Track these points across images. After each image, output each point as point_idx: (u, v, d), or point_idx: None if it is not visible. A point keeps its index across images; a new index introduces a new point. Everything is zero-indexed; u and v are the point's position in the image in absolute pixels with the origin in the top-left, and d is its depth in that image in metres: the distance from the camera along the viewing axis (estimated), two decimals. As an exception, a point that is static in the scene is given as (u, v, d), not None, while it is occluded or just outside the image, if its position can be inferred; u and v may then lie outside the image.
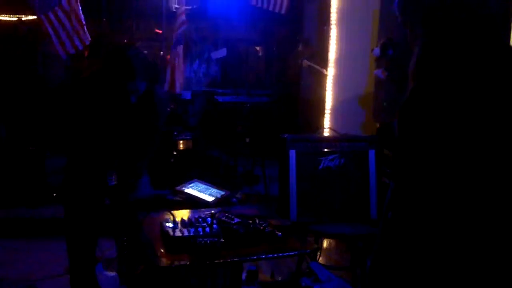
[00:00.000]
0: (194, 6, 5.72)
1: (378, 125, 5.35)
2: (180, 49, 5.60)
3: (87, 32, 5.11)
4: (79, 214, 3.06)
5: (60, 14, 4.92)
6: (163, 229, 2.81)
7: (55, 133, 6.12)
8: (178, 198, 3.91)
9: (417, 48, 1.79)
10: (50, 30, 4.93)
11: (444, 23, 1.74)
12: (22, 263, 4.41)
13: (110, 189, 3.12)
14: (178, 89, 5.71)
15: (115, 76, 3.02)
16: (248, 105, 6.58)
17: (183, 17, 5.54)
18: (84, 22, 5.09)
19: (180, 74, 5.66)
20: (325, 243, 4.62)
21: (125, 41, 7.29)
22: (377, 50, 4.89)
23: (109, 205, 3.19)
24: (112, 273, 3.56)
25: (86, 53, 7.22)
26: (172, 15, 6.17)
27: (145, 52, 6.73)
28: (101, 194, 3.10)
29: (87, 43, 5.13)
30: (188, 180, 4.07)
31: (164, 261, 2.65)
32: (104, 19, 6.99)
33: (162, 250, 2.73)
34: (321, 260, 4.18)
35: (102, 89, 3.02)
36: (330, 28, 5.65)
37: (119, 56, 3.07)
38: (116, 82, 3.02)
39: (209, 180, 4.16)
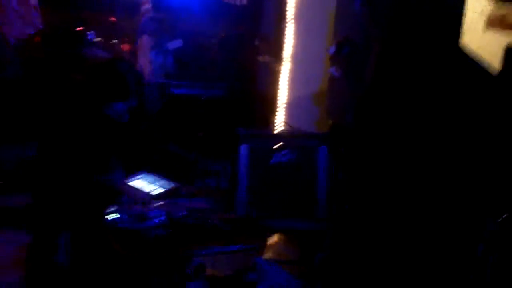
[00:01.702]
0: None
1: (331, 122, 5.41)
2: (145, 38, 5.52)
3: (39, 17, 4.97)
4: (48, 202, 2.99)
5: None
6: (111, 221, 2.78)
7: (11, 122, 5.95)
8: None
9: (376, 45, 1.82)
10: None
11: (401, 22, 1.77)
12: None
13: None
14: (145, 78, 5.64)
15: (108, 95, 2.87)
16: (204, 98, 6.54)
17: (148, 5, 5.45)
18: (37, 7, 4.95)
19: (147, 64, 5.59)
20: (273, 238, 4.65)
21: (81, 29, 7.15)
22: (332, 48, 4.93)
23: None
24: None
25: (36, 39, 7.03)
26: (128, 3, 6.07)
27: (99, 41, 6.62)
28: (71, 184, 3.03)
29: (40, 27, 4.99)
30: (138, 172, 4.02)
31: (111, 253, 2.62)
32: (58, 6, 6.82)
33: (110, 242, 2.70)
34: (268, 255, 4.20)
35: (92, 105, 2.87)
36: (287, 24, 5.67)
37: (112, 74, 2.89)
38: (108, 101, 2.87)
39: (161, 173, 4.12)
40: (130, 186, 3.52)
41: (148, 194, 3.50)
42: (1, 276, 3.85)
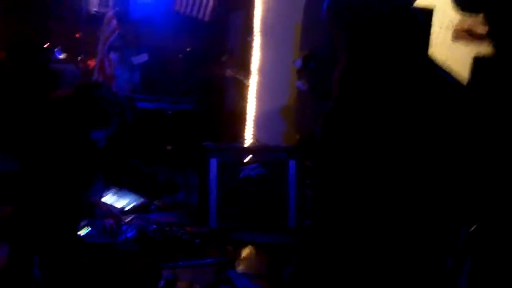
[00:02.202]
0: (116, 9, 5.60)
1: (298, 136, 5.45)
2: (114, 56, 5.47)
3: None
4: (30, 214, 2.91)
5: None
6: (82, 236, 2.74)
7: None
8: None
9: (342, 57, 1.85)
10: None
11: (366, 36, 1.80)
12: None
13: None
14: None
15: (86, 123, 2.78)
16: (170, 112, 6.51)
17: (114, 22, 5.40)
18: None
19: (114, 82, 5.53)
20: (244, 252, 4.64)
21: (48, 44, 7.03)
22: (298, 62, 5.00)
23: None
24: None
25: (2, 55, 6.88)
26: (92, 19, 6.01)
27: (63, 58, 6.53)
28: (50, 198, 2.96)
29: None
30: (106, 188, 3.98)
31: (83, 267, 2.58)
32: (21, 20, 6.71)
33: (81, 256, 2.65)
34: (240, 268, 4.18)
35: (71, 133, 2.79)
36: (253, 39, 5.71)
37: (90, 101, 2.81)
38: (86, 130, 2.80)
39: (129, 188, 4.08)
40: (101, 201, 3.48)
41: (118, 209, 3.46)
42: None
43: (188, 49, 8.29)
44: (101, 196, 3.72)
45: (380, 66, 1.81)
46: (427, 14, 1.75)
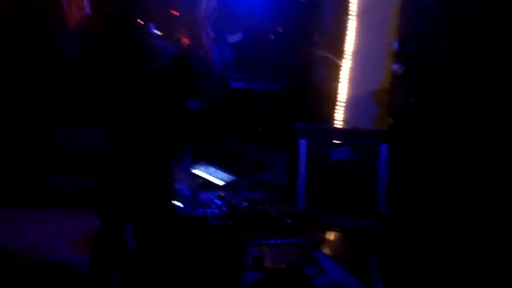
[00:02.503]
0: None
1: (391, 119, 5.31)
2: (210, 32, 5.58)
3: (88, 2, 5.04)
4: (118, 189, 3.06)
5: None
6: (175, 209, 2.82)
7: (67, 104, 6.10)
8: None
9: (443, 45, 1.77)
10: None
11: (475, 24, 1.72)
12: (27, 233, 4.39)
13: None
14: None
15: (182, 95, 2.88)
16: (262, 92, 6.54)
17: (213, 2, 5.46)
18: None
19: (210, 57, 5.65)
20: (330, 234, 4.61)
21: (141, 21, 7.24)
22: (395, 44, 4.85)
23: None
24: None
25: (101, 29, 7.17)
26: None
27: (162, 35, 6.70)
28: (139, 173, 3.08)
29: (88, 12, 5.04)
30: (197, 162, 4.07)
31: (174, 240, 2.67)
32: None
33: (172, 229, 2.74)
34: (326, 250, 4.17)
35: (167, 105, 2.89)
36: (349, 19, 5.60)
37: (187, 73, 2.90)
38: (181, 101, 2.90)
39: (219, 165, 4.16)
40: (194, 174, 3.58)
41: (211, 184, 3.54)
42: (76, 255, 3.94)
43: (280, 30, 8.27)
44: (192, 169, 3.81)
45: (484, 50, 1.71)
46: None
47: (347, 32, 5.71)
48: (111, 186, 3.13)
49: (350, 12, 5.65)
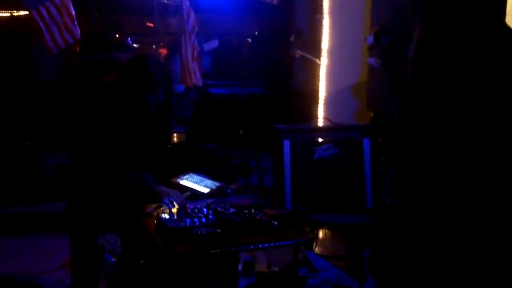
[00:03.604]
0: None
1: (372, 113, 5.35)
2: (195, 43, 5.58)
3: (77, 27, 5.05)
4: (83, 207, 3.06)
5: (52, 8, 4.86)
6: (160, 221, 2.81)
7: (51, 129, 6.09)
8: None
9: (417, 31, 1.78)
10: (41, 25, 4.86)
11: (446, 4, 1.73)
12: (19, 259, 4.41)
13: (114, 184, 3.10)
14: (200, 82, 5.70)
15: (136, 89, 2.93)
16: (241, 96, 6.56)
17: (193, 16, 5.46)
18: (74, 17, 5.03)
19: (198, 68, 5.65)
20: (320, 233, 4.62)
21: (117, 36, 7.25)
22: (370, 38, 4.88)
23: (111, 197, 3.17)
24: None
25: (78, 49, 7.17)
26: (163, 8, 6.14)
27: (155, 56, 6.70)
28: (105, 188, 3.08)
29: (78, 37, 5.07)
30: (182, 172, 4.06)
31: (161, 252, 2.65)
32: (95, 13, 6.94)
33: (159, 242, 2.72)
34: (316, 250, 4.18)
35: (121, 102, 2.94)
36: (323, 18, 5.63)
37: (139, 68, 2.96)
38: (136, 95, 2.93)
39: (204, 173, 4.15)
40: (179, 185, 3.56)
41: (195, 193, 3.52)
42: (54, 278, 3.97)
43: (256, 33, 8.31)
44: (178, 180, 3.80)
45: (456, 39, 1.72)
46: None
47: (322, 30, 5.74)
48: (76, 203, 3.11)
49: (323, 11, 5.69)
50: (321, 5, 5.70)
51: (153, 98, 2.97)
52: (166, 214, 2.88)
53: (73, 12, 5.01)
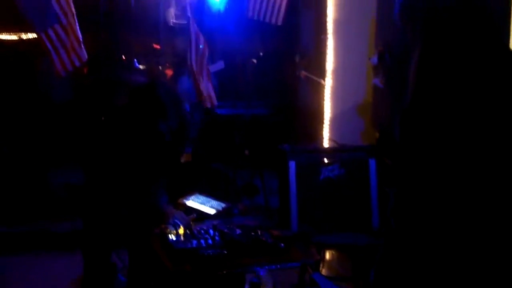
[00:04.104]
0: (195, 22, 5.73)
1: (377, 134, 5.35)
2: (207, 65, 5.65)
3: (84, 49, 5.10)
4: (98, 225, 3.08)
5: (60, 31, 4.91)
6: (167, 242, 2.81)
7: (59, 148, 6.12)
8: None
9: (417, 52, 1.79)
10: (49, 47, 4.91)
11: (445, 25, 1.74)
12: (28, 278, 4.40)
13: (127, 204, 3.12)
14: (215, 101, 5.76)
15: (148, 118, 2.94)
16: (247, 117, 6.58)
17: (202, 39, 5.51)
18: (81, 39, 5.08)
19: (212, 88, 5.72)
20: (327, 254, 4.60)
21: (123, 56, 7.31)
22: (374, 59, 4.90)
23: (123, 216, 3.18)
24: None
25: (85, 70, 7.23)
26: (170, 30, 6.19)
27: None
28: (119, 206, 3.10)
29: (84, 60, 5.12)
30: (188, 192, 4.07)
31: (169, 273, 2.65)
32: (102, 35, 7.01)
33: (166, 262, 2.73)
34: (323, 271, 4.16)
35: (134, 129, 2.96)
36: (327, 38, 5.67)
37: (150, 98, 2.98)
38: (148, 124, 2.95)
39: (209, 192, 4.16)
40: (185, 206, 3.57)
41: (201, 214, 3.53)
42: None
43: (260, 53, 8.35)
44: (184, 201, 3.81)
45: (456, 59, 1.74)
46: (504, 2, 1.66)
47: (327, 50, 5.77)
48: (91, 222, 3.14)
49: (327, 31, 5.72)
50: (325, 26, 5.73)
51: (165, 127, 3.00)
52: (173, 235, 2.89)
53: (79, 34, 5.06)
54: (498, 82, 1.72)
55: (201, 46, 5.45)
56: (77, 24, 5.03)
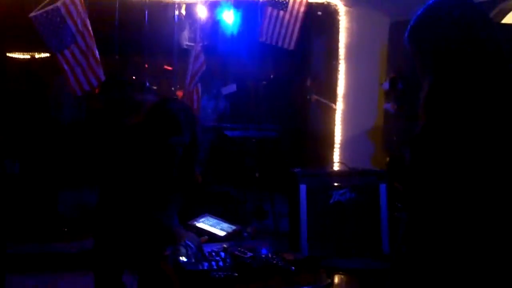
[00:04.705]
0: (205, 43, 5.81)
1: (388, 158, 5.36)
2: (199, 87, 5.72)
3: (101, 69, 5.18)
4: (110, 245, 3.10)
5: (76, 51, 5.00)
6: (178, 263, 2.82)
7: (69, 168, 6.17)
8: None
9: (427, 82, 1.82)
10: (66, 68, 5.00)
11: (453, 56, 1.77)
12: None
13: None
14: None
15: (162, 131, 2.99)
16: (257, 139, 6.61)
17: (202, 57, 5.59)
18: (99, 59, 5.16)
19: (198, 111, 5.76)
20: (336, 278, 4.57)
21: (134, 77, 7.40)
22: (386, 84, 4.95)
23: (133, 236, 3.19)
24: None
25: (97, 90, 7.32)
26: (184, 52, 6.26)
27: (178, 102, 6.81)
28: (132, 226, 3.11)
29: (102, 79, 5.19)
30: (198, 214, 4.08)
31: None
32: (116, 56, 7.10)
33: (177, 284, 2.73)
34: (334, 295, 4.13)
35: (147, 144, 3.00)
36: (339, 63, 5.72)
37: (164, 111, 3.03)
38: (162, 138, 2.99)
39: (219, 215, 4.17)
40: (196, 228, 3.58)
41: (212, 236, 3.54)
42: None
43: (271, 76, 8.43)
44: (194, 223, 3.82)
45: (466, 89, 1.76)
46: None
47: (338, 75, 5.83)
48: (102, 242, 3.15)
49: (339, 56, 5.78)
50: (337, 51, 5.79)
51: (179, 140, 3.03)
52: (184, 257, 2.89)
53: (98, 55, 5.14)
54: (506, 115, 1.73)
55: (198, 63, 5.51)
56: (95, 45, 5.11)
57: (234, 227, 3.88)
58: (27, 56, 9.08)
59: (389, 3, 5.22)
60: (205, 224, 3.88)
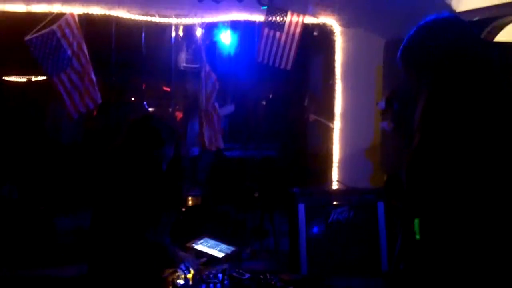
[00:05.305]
0: (200, 65, 5.86)
1: (385, 176, 5.37)
2: (217, 106, 5.77)
3: (98, 92, 5.20)
4: (104, 270, 3.10)
5: (72, 75, 5.02)
6: (176, 286, 2.82)
7: (66, 191, 6.17)
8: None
9: (422, 100, 1.84)
10: (62, 91, 5.01)
11: (447, 73, 1.79)
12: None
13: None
14: (221, 144, 5.84)
15: (144, 145, 3.06)
16: (256, 159, 6.63)
17: (214, 76, 5.64)
18: (95, 82, 5.18)
19: (219, 130, 5.81)
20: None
21: (133, 99, 7.43)
22: (382, 103, 4.98)
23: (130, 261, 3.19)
24: None
25: (94, 113, 7.36)
26: (181, 73, 6.32)
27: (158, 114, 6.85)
28: (126, 249, 3.12)
29: (98, 102, 5.21)
30: (197, 236, 4.08)
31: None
32: (113, 78, 7.16)
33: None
34: (333, 315, 4.11)
35: (132, 161, 3.05)
36: (335, 83, 5.76)
37: (144, 126, 3.12)
38: (144, 153, 3.06)
39: (219, 236, 4.17)
40: (195, 250, 3.58)
41: (211, 257, 3.54)
42: None
43: (270, 96, 8.48)
44: (193, 244, 3.81)
45: (460, 105, 1.78)
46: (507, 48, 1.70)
47: (335, 95, 5.86)
48: (96, 266, 3.15)
49: (335, 75, 5.82)
50: (333, 71, 5.83)
51: (162, 152, 3.09)
52: (181, 280, 2.90)
53: (94, 78, 5.16)
54: (500, 127, 1.75)
55: (210, 83, 5.55)
56: (91, 67, 5.13)
57: (232, 249, 3.88)
58: (23, 79, 9.14)
59: (382, 23, 5.28)
60: (204, 246, 3.88)
